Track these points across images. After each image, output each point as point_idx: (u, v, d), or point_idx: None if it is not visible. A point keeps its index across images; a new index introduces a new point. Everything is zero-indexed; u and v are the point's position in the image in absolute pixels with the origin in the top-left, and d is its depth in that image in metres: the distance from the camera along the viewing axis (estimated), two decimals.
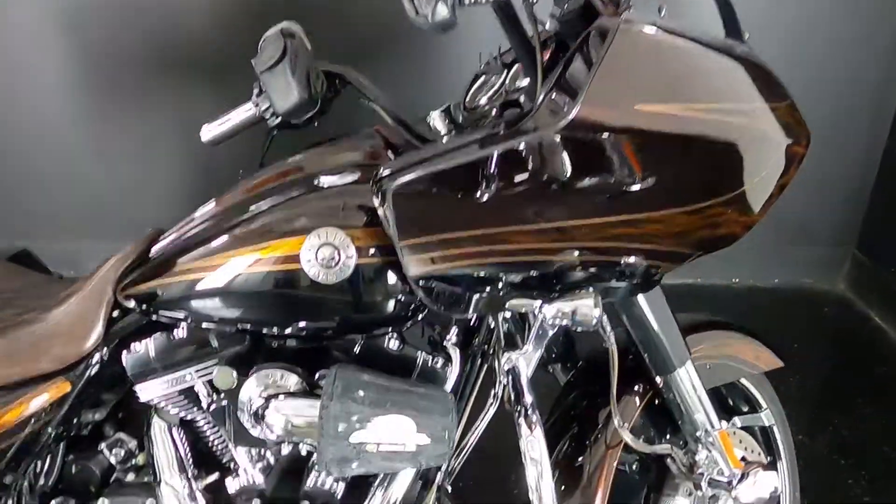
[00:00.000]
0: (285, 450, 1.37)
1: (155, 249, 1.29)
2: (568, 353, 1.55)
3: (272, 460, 1.37)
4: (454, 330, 1.34)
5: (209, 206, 1.29)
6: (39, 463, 1.37)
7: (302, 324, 1.20)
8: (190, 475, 1.33)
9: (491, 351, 1.35)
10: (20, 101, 2.92)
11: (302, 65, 1.19)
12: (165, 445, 1.33)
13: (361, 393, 1.13)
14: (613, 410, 1.27)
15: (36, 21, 2.78)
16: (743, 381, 1.59)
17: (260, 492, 1.35)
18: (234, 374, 1.21)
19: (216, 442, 1.36)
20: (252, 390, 1.21)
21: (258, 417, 1.20)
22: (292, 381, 1.21)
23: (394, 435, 1.12)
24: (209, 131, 1.29)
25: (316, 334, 1.23)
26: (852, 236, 3.16)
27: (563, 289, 1.11)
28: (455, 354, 1.32)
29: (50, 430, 1.28)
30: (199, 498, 1.32)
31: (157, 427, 1.33)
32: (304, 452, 1.37)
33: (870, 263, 3.07)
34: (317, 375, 1.23)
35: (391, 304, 1.20)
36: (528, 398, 1.17)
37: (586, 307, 1.09)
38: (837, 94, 2.90)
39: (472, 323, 1.40)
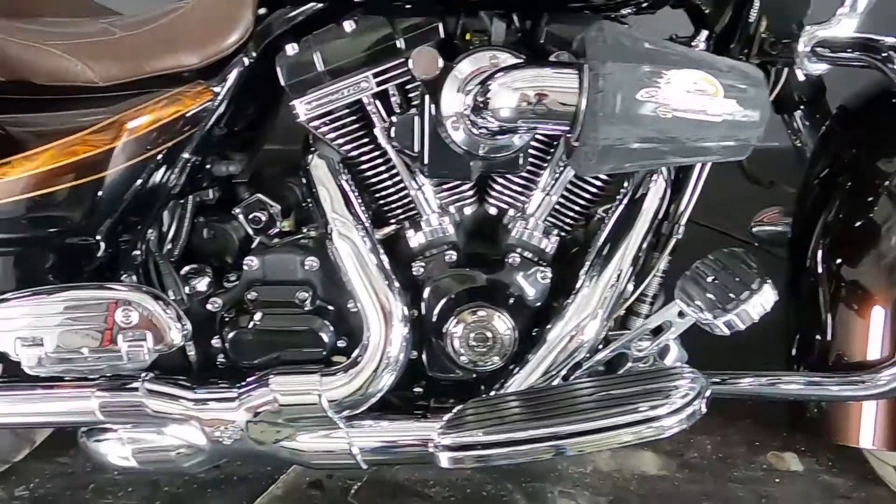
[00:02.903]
0: (469, 209, 1.08)
1: None
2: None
3: (457, 217, 1.08)
4: None
5: None
6: (165, 225, 1.08)
7: None
8: (367, 224, 1.02)
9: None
10: None
11: None
12: (332, 189, 1.01)
13: (641, 46, 0.83)
14: None
15: None
16: None
17: (453, 244, 1.05)
18: (439, 57, 0.91)
19: (388, 188, 1.06)
20: (465, 70, 0.91)
21: (477, 108, 0.89)
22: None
23: (694, 97, 0.81)
24: None
25: None
26: None
27: None
28: None
29: (185, 154, 0.98)
30: (381, 252, 1.02)
31: (320, 168, 1.02)
32: (492, 211, 1.07)
33: None
34: None
35: None
36: None
37: None
38: None
39: None
